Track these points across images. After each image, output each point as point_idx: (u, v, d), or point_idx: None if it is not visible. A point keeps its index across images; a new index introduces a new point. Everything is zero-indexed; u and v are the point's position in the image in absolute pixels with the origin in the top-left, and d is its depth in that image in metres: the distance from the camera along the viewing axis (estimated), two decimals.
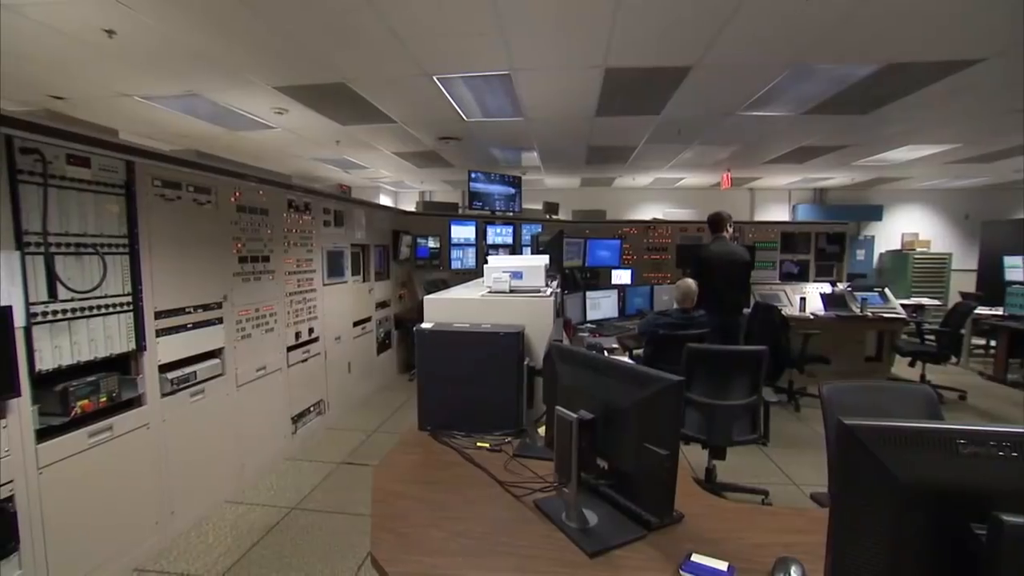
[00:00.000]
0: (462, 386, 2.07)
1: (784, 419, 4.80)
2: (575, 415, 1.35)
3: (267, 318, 3.57)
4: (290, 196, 3.84)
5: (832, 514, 0.81)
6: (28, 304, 1.99)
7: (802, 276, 6.79)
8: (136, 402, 2.55)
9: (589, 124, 5.48)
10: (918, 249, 10.01)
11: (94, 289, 2.25)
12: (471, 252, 7.56)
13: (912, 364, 5.70)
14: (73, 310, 2.19)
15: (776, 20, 3.04)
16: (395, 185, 10.64)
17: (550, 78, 4.07)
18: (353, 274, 4.97)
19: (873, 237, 10.58)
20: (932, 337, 5.62)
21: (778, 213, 10.69)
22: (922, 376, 5.63)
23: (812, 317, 5.88)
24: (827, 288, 6.30)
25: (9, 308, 1.89)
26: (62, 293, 2.12)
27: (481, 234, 7.63)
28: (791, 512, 1.60)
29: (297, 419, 4.01)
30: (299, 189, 3.98)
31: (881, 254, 10.62)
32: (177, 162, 2.76)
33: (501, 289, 2.37)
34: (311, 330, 4.16)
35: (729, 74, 3.91)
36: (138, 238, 2.49)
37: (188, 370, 2.85)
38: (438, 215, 7.22)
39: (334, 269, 4.54)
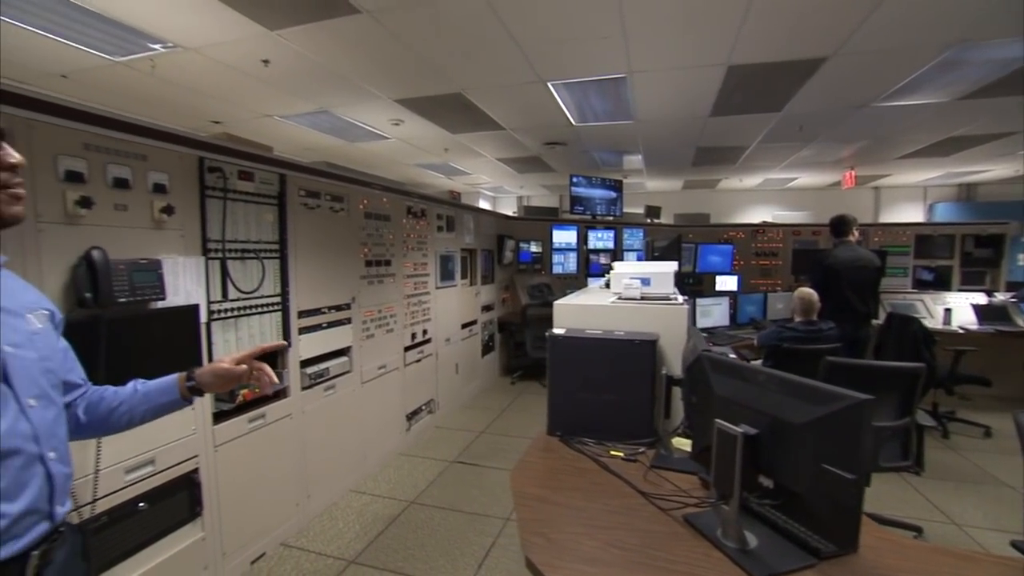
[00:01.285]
0: (594, 393, 2.05)
1: (930, 446, 4.26)
2: (739, 429, 1.28)
3: (388, 319, 3.78)
4: (408, 203, 4.05)
5: None
6: (209, 303, 2.25)
7: (940, 284, 5.96)
8: (282, 394, 2.80)
9: (701, 125, 5.26)
10: None
11: (255, 290, 2.51)
12: (572, 257, 7.52)
13: None
14: (239, 308, 2.45)
15: None
16: (494, 190, 10.89)
17: (667, 79, 3.96)
18: (462, 278, 5.13)
19: None
20: None
21: (910, 213, 9.60)
22: None
23: (962, 331, 5.17)
24: (981, 298, 5.51)
25: (196, 306, 2.15)
26: (231, 293, 2.39)
27: (582, 238, 7.58)
28: (991, 559, 1.39)
29: (411, 416, 4.20)
30: (417, 196, 4.18)
31: None
32: (319, 173, 3.01)
33: (632, 296, 2.32)
34: (425, 331, 4.35)
35: (871, 62, 3.57)
36: (287, 243, 2.74)
37: (323, 366, 3.08)
38: (540, 219, 7.27)
39: (446, 273, 4.72)
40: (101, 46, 3.38)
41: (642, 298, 2.34)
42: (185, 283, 2.14)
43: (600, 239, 7.76)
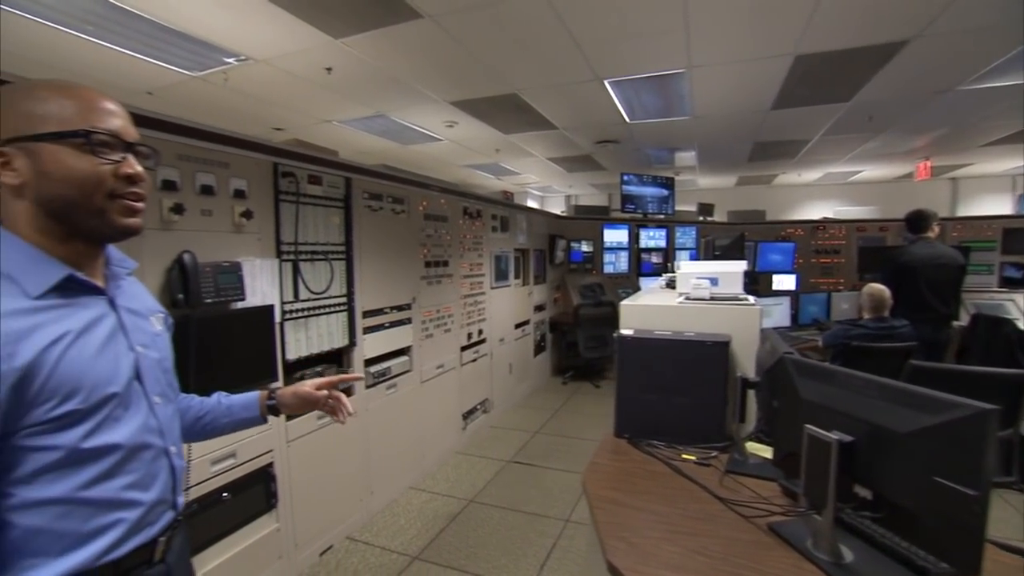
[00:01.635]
0: (663, 395, 2.00)
1: None
2: (834, 436, 1.21)
3: (445, 319, 3.83)
4: (465, 203, 4.09)
5: None
6: (282, 303, 2.35)
7: None
8: (347, 392, 2.88)
9: (760, 119, 5.07)
10: None
11: (325, 291, 2.59)
12: (624, 256, 7.41)
13: None
14: (308, 309, 2.53)
15: None
16: (542, 190, 10.88)
17: (727, 73, 3.83)
18: (515, 278, 5.14)
19: None
20: None
21: (994, 205, 8.89)
22: None
23: None
24: None
25: (272, 306, 2.24)
26: (302, 294, 2.48)
27: (634, 237, 7.45)
28: None
29: (467, 416, 4.24)
30: (472, 197, 4.22)
31: None
32: (381, 176, 3.09)
33: (700, 296, 2.26)
34: (480, 331, 4.38)
35: (958, 43, 3.32)
36: (352, 245, 2.82)
37: (385, 365, 3.15)
38: (591, 219, 7.20)
39: (500, 273, 4.74)
40: (182, 63, 3.59)
41: (711, 298, 2.27)
42: (261, 284, 2.24)
43: (652, 238, 7.61)
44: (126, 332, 0.88)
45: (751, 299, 2.25)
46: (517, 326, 5.24)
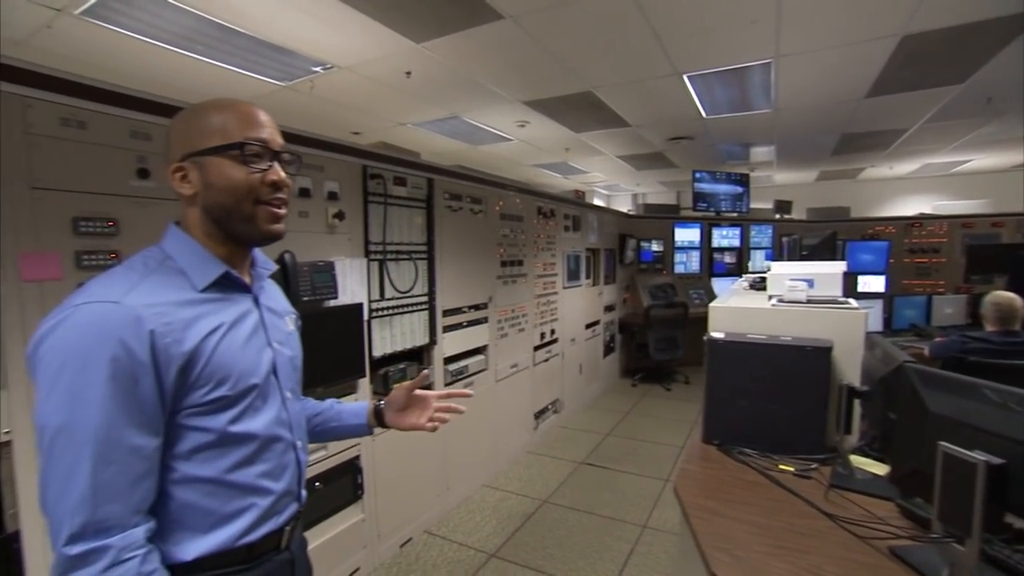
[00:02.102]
0: (757, 401, 1.90)
1: None
2: (980, 457, 1.08)
3: (519, 319, 3.83)
4: (539, 203, 4.08)
5: None
6: (370, 301, 2.43)
7: None
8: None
9: (852, 108, 4.70)
10: None
11: (409, 290, 2.66)
12: (695, 255, 7.17)
13: None
14: (393, 307, 2.61)
15: None
16: (609, 188, 10.69)
17: (818, 61, 3.58)
18: (586, 277, 5.08)
19: None
20: None
21: None
22: None
23: None
24: None
25: (361, 305, 2.33)
26: (387, 292, 2.55)
27: (706, 236, 7.18)
28: None
29: (538, 415, 4.23)
30: (546, 196, 4.21)
31: None
32: (461, 177, 3.13)
33: (796, 299, 2.12)
34: (552, 331, 4.36)
35: None
36: (434, 245, 2.88)
37: (463, 363, 3.20)
38: (662, 217, 7.01)
39: (572, 272, 4.70)
40: (274, 74, 3.81)
41: (808, 301, 2.13)
42: (351, 283, 2.32)
43: (725, 237, 7.33)
44: (266, 329, 0.94)
45: (853, 302, 2.10)
46: (587, 326, 5.18)
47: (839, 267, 2.28)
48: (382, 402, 1.23)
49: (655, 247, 6.89)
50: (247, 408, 0.86)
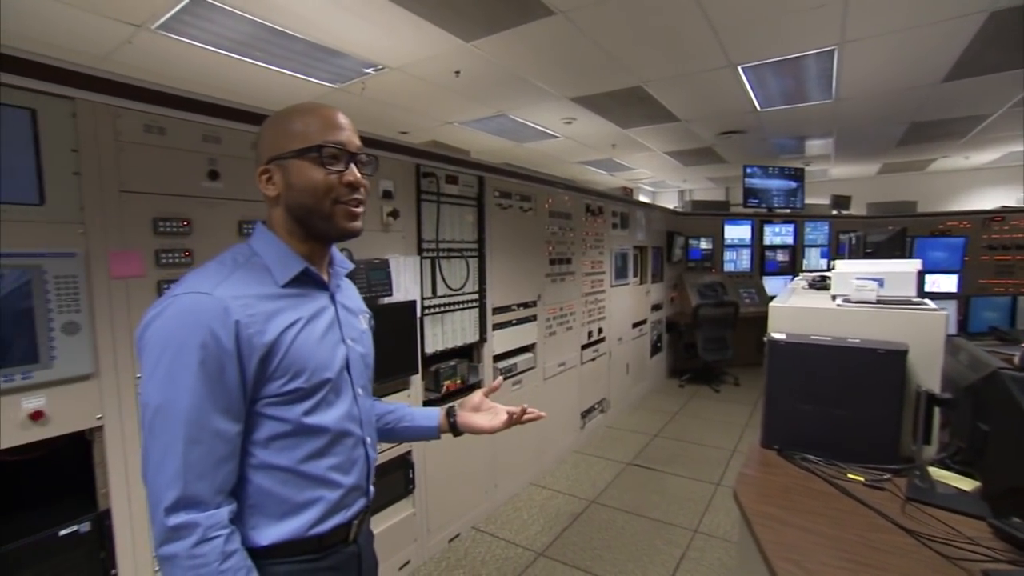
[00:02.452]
0: (821, 406, 1.81)
1: None
2: None
3: (567, 317, 3.81)
4: (587, 200, 4.04)
5: None
6: (422, 299, 2.46)
7: None
8: (477, 386, 2.95)
9: (924, 95, 4.42)
10: None
11: (461, 288, 2.68)
12: (745, 253, 6.95)
13: None
14: (444, 305, 2.64)
15: None
16: (654, 185, 10.49)
17: (889, 45, 3.38)
18: (633, 276, 5.00)
19: None
20: None
21: None
22: None
23: None
24: None
25: (414, 302, 2.36)
26: (439, 290, 2.58)
27: (758, 234, 6.94)
28: None
29: (585, 415, 4.19)
30: (595, 193, 4.16)
31: None
32: (511, 174, 3.13)
33: (865, 299, 2.01)
34: (600, 330, 4.31)
35: None
36: (484, 243, 2.89)
37: (511, 361, 3.20)
38: (712, 214, 6.81)
39: (620, 271, 4.64)
40: (327, 76, 3.93)
41: (878, 302, 2.02)
42: (405, 280, 2.36)
43: (778, 234, 7.07)
44: (341, 325, 0.97)
45: (931, 303, 1.97)
46: (634, 325, 5.10)
47: (913, 265, 2.15)
48: (456, 403, 1.23)
49: (704, 245, 6.71)
50: (320, 401, 0.89)
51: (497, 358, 3.08)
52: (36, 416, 1.27)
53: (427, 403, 2.56)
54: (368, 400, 1.03)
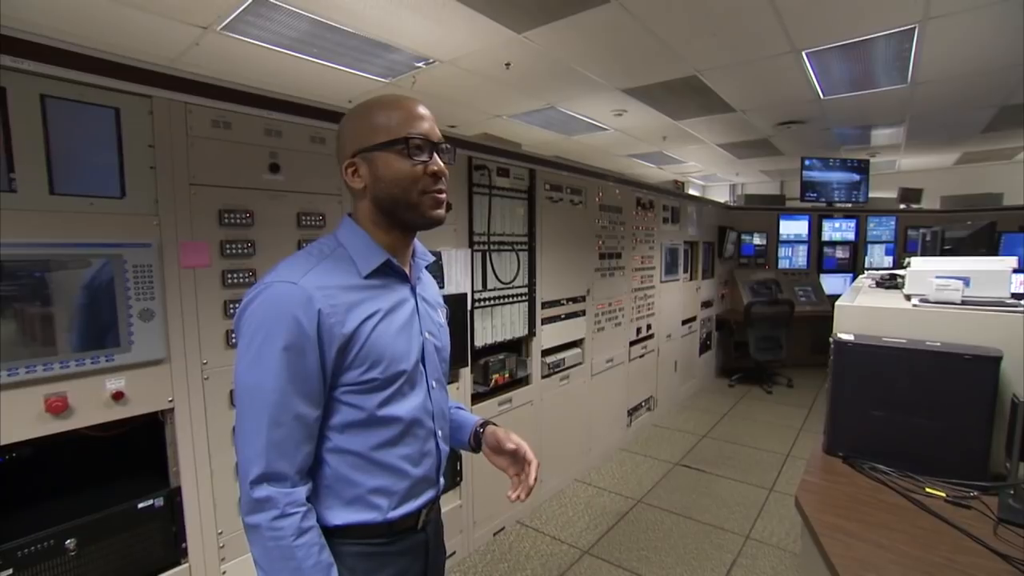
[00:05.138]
0: (895, 413, 1.70)
1: None
2: None
3: (616, 313, 3.74)
4: (638, 194, 3.95)
5: None
6: (472, 292, 2.47)
7: None
8: (525, 380, 2.95)
9: (1019, 73, 4.04)
10: None
11: (511, 281, 2.67)
12: (802, 250, 6.65)
13: None
14: (494, 298, 2.63)
15: None
16: (704, 178, 10.16)
17: (981, 19, 3.07)
18: (683, 271, 4.87)
19: None
20: None
21: None
22: None
23: None
24: None
25: (465, 295, 2.37)
26: (489, 283, 2.58)
27: (815, 229, 6.62)
28: None
29: (631, 412, 4.12)
30: (645, 187, 4.07)
31: None
32: (562, 167, 3.10)
33: (948, 299, 1.87)
34: (649, 326, 4.22)
35: None
36: (535, 236, 2.87)
37: (559, 356, 3.18)
38: (767, 209, 6.55)
39: (670, 266, 4.52)
40: (380, 71, 3.98)
41: (963, 303, 1.87)
42: (456, 273, 2.37)
43: (837, 229, 6.74)
44: (420, 318, 0.98)
45: None
46: (684, 323, 4.97)
47: (1007, 263, 1.98)
48: (482, 429, 1.14)
49: (757, 240, 6.46)
50: (395, 392, 0.90)
51: (545, 352, 3.07)
52: (117, 396, 1.35)
53: (475, 396, 2.57)
54: (442, 393, 1.04)
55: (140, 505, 1.41)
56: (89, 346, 1.29)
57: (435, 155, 0.91)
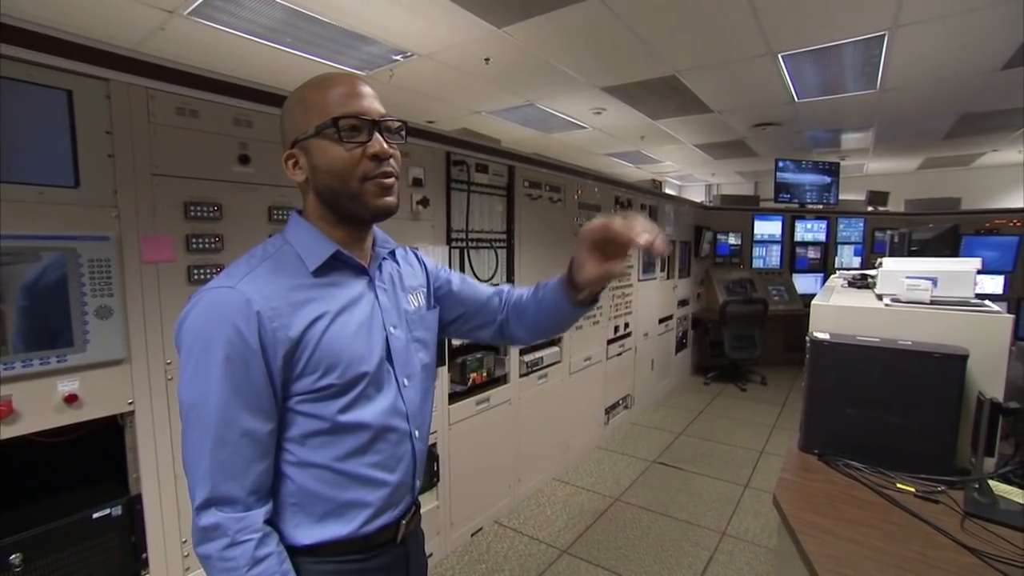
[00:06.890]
0: (868, 410, 1.73)
1: None
2: None
3: (594, 311, 3.73)
4: (617, 192, 3.95)
5: None
6: None
7: None
8: (503, 379, 2.91)
9: (981, 83, 4.18)
10: None
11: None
12: (775, 250, 6.78)
13: None
14: None
15: None
16: (681, 178, 10.28)
17: (948, 28, 3.17)
18: (660, 270, 4.90)
19: None
20: None
21: None
22: None
23: None
24: None
25: None
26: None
27: (788, 230, 6.76)
28: None
29: (609, 410, 4.13)
30: (624, 185, 4.07)
31: None
32: (541, 164, 3.06)
33: (918, 299, 1.91)
34: (626, 325, 4.23)
35: None
36: (514, 233, 2.83)
37: (538, 355, 3.15)
38: (742, 209, 6.64)
39: (647, 265, 4.54)
40: (356, 64, 3.89)
41: (932, 302, 1.91)
42: None
43: (809, 230, 6.89)
44: (382, 312, 0.90)
45: (993, 305, 1.85)
46: (661, 321, 5.00)
47: (971, 264, 2.03)
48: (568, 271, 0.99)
49: (732, 240, 6.56)
50: (358, 397, 0.83)
51: (523, 351, 3.03)
52: (70, 399, 1.26)
53: (452, 395, 2.53)
54: (416, 389, 0.94)
55: (95, 515, 1.33)
56: (38, 346, 1.20)
57: (376, 134, 0.81)
